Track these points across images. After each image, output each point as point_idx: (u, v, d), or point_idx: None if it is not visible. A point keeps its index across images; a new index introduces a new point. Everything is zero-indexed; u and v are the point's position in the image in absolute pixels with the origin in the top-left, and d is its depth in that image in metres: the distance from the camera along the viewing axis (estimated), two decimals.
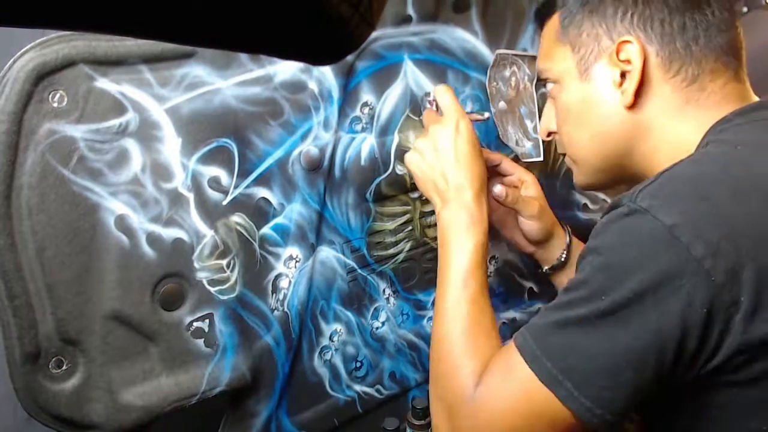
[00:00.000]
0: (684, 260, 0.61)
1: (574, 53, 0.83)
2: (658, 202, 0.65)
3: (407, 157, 0.96)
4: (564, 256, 1.05)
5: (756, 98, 0.80)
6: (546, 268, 1.07)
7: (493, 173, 1.02)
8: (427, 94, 1.03)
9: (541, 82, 0.91)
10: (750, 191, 0.66)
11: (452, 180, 0.90)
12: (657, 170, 0.75)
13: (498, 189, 0.98)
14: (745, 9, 1.39)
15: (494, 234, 1.21)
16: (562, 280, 1.06)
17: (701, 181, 0.67)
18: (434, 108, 0.99)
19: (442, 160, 0.91)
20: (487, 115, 0.98)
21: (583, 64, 0.82)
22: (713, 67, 0.77)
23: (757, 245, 0.62)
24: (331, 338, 1.05)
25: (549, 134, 0.93)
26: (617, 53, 0.78)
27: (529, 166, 1.22)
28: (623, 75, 0.78)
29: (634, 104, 0.78)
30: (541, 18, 0.89)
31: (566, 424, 0.66)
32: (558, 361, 0.66)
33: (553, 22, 0.87)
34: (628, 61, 0.77)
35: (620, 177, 0.86)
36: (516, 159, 1.20)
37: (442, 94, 0.95)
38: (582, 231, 1.33)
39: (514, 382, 0.69)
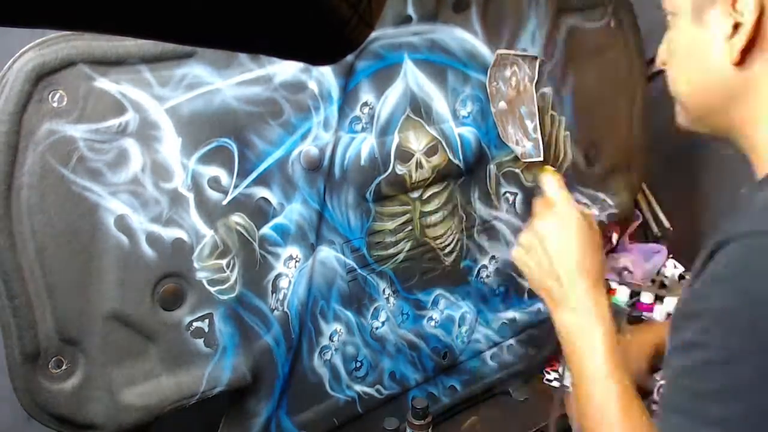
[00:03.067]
0: None
1: None
2: None
3: (514, 253, 0.89)
4: None
5: None
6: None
7: None
8: (543, 171, 0.92)
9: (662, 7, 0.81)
10: None
11: (563, 275, 0.82)
12: (754, 139, 0.71)
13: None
14: None
15: (491, 234, 1.21)
16: None
17: None
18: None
19: (548, 255, 0.83)
20: (596, 212, 0.91)
21: (698, 5, 0.74)
22: None
23: None
24: (331, 338, 1.05)
25: (663, 64, 0.83)
26: (734, 2, 0.70)
27: (529, 166, 1.22)
28: (736, 27, 0.70)
29: (741, 61, 0.71)
30: None
31: None
32: None
33: None
34: (742, 13, 0.69)
35: (718, 131, 0.79)
36: (516, 159, 1.20)
37: (548, 184, 0.87)
38: None
39: None
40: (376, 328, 1.10)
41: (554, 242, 0.83)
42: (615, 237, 1.47)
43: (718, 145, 1.52)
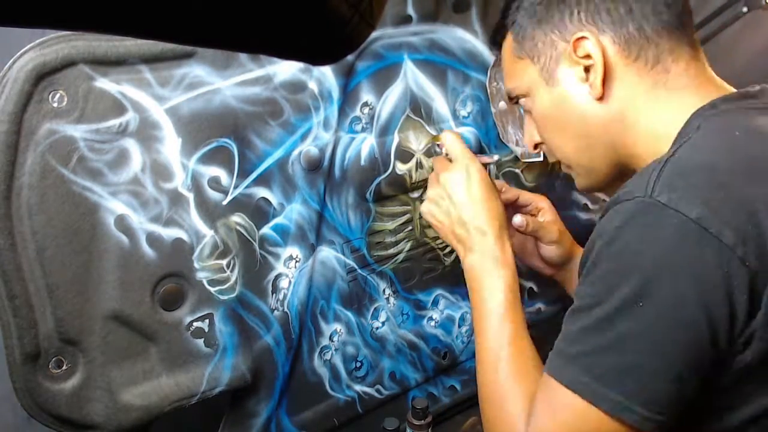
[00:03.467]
0: (717, 250, 0.61)
1: (534, 64, 0.83)
2: (677, 195, 0.63)
3: (422, 208, 0.96)
4: None
5: (713, 73, 0.80)
6: (570, 290, 1.05)
7: (511, 207, 1.02)
8: (436, 139, 1.01)
9: (512, 101, 0.91)
10: (761, 174, 0.66)
11: (470, 224, 0.89)
12: (644, 160, 0.75)
13: (518, 219, 0.98)
14: (745, 9, 1.39)
15: None
16: None
17: (713, 168, 0.66)
18: (444, 153, 0.98)
19: (457, 207, 0.90)
20: (496, 157, 0.98)
21: (546, 72, 0.82)
22: (671, 46, 0.77)
23: None
24: (331, 338, 1.05)
25: (536, 146, 0.92)
26: (575, 51, 0.78)
27: (529, 166, 1.22)
28: (587, 70, 0.79)
29: (603, 95, 0.79)
30: (498, 44, 0.90)
31: None
32: (598, 376, 0.65)
33: (508, 43, 0.87)
34: (587, 56, 0.78)
35: (616, 174, 0.85)
36: (516, 159, 1.20)
37: (449, 140, 0.94)
38: (582, 231, 1.33)
39: (561, 412, 0.68)
40: (376, 328, 1.10)
41: (460, 193, 0.90)
42: None
43: None
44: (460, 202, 0.90)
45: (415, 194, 1.10)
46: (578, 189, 0.92)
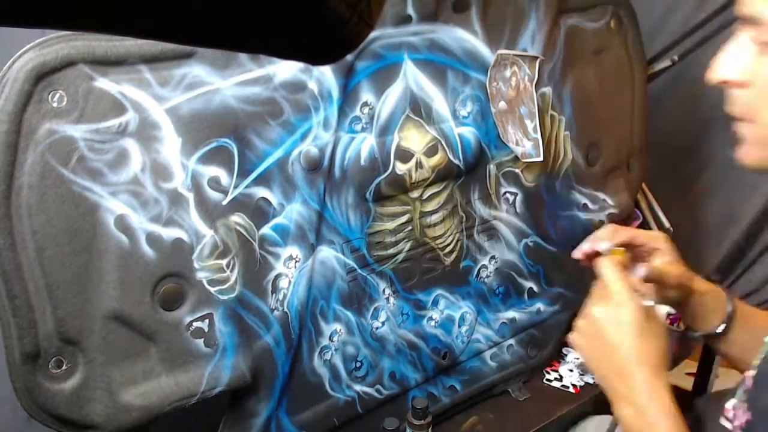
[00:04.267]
0: None
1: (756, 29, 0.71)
2: None
3: (571, 337, 0.88)
4: (724, 327, 0.93)
5: None
6: (696, 334, 0.97)
7: (627, 248, 0.93)
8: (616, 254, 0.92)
9: (745, 24, 0.75)
10: None
11: (617, 366, 0.80)
12: None
13: (641, 272, 0.90)
14: None
15: (491, 234, 1.21)
16: (719, 346, 0.96)
17: None
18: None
19: (603, 344, 0.81)
20: (653, 303, 0.85)
21: None
22: None
23: None
24: (331, 338, 1.05)
25: (724, 82, 0.77)
26: None
27: (529, 166, 1.22)
28: None
29: None
30: None
31: None
32: None
33: None
34: None
35: None
36: (516, 159, 1.20)
37: (606, 269, 0.85)
38: (582, 231, 1.33)
39: None
40: (376, 328, 1.10)
41: (612, 334, 0.81)
42: None
43: (718, 145, 1.52)
44: (605, 341, 0.81)
45: (415, 194, 1.10)
46: (744, 163, 0.78)
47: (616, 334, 0.80)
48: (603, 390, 0.83)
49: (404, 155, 1.05)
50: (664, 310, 0.88)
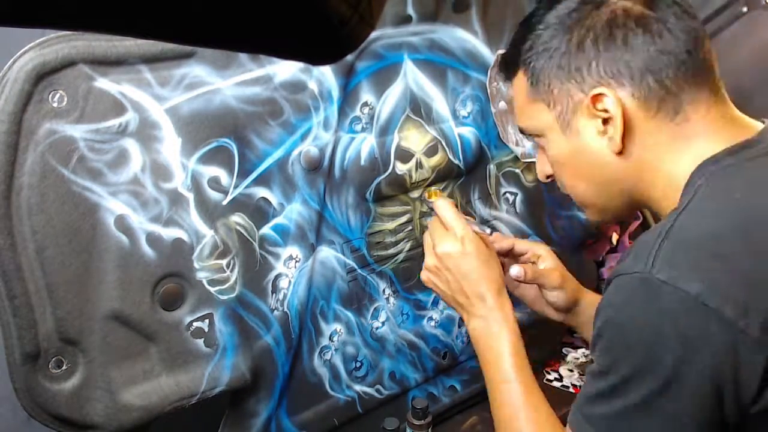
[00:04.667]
0: (718, 324, 0.62)
1: (550, 109, 0.81)
2: (677, 272, 0.64)
3: (422, 276, 0.98)
4: None
5: (735, 110, 0.79)
6: (583, 334, 1.06)
7: (509, 257, 1.03)
8: (429, 196, 1.01)
9: (524, 136, 0.91)
10: (762, 241, 0.66)
11: (470, 292, 0.92)
12: (659, 203, 0.78)
13: (515, 270, 0.98)
14: (745, 9, 1.39)
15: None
16: None
17: (713, 240, 0.66)
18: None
19: (455, 277, 0.93)
20: (488, 230, 0.97)
21: (562, 119, 0.81)
22: (691, 95, 0.75)
23: None
24: (331, 338, 1.05)
25: (548, 177, 0.92)
26: (593, 105, 0.77)
27: (529, 166, 1.22)
28: (606, 122, 0.77)
29: (623, 149, 0.77)
30: (508, 78, 0.88)
31: None
32: None
33: (521, 81, 0.85)
34: (605, 110, 0.76)
35: (629, 211, 0.87)
36: (516, 159, 1.20)
37: (442, 208, 0.95)
38: (582, 231, 1.33)
39: None
40: (376, 328, 1.10)
41: (458, 264, 0.93)
42: (615, 237, 1.47)
43: None
44: (457, 273, 0.93)
45: (415, 194, 1.10)
46: (589, 221, 0.93)
47: (466, 265, 0.92)
48: (456, 311, 0.96)
49: (404, 155, 1.05)
50: (488, 230, 0.97)
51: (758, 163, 0.73)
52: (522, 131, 0.89)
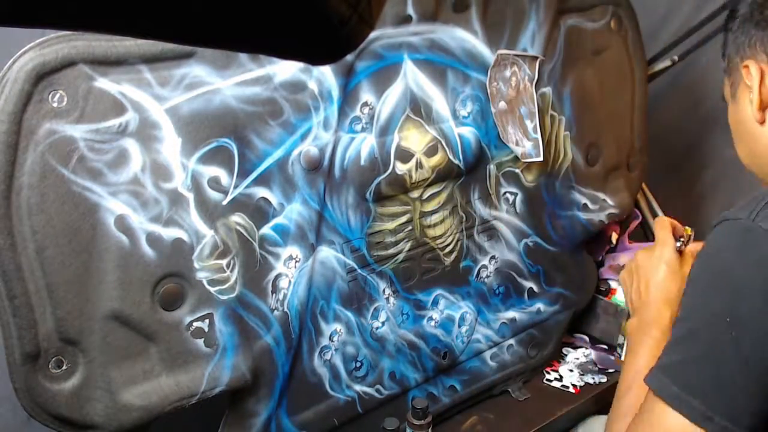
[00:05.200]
0: None
1: (727, 80, 0.92)
2: None
3: (622, 274, 1.09)
4: None
5: None
6: None
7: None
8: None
9: None
10: None
11: (645, 297, 1.01)
12: None
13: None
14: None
15: (491, 234, 1.21)
16: None
17: None
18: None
19: (642, 281, 1.02)
20: (679, 244, 1.04)
21: (733, 90, 0.91)
22: None
23: None
24: (331, 338, 1.05)
25: None
26: (746, 76, 0.86)
27: (529, 166, 1.22)
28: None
29: (764, 120, 0.85)
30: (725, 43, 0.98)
31: None
32: (683, 385, 0.70)
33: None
34: (751, 78, 0.85)
35: None
36: (516, 159, 1.20)
37: (659, 226, 1.07)
38: (581, 231, 1.33)
39: (648, 414, 0.74)
40: (376, 328, 1.10)
41: (649, 275, 1.02)
42: (614, 237, 1.47)
43: (718, 145, 1.52)
44: (643, 279, 1.02)
45: (415, 194, 1.10)
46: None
47: (653, 271, 1.01)
48: (630, 313, 1.04)
49: (404, 155, 1.05)
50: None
51: None
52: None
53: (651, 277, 1.01)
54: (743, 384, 0.67)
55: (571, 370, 1.37)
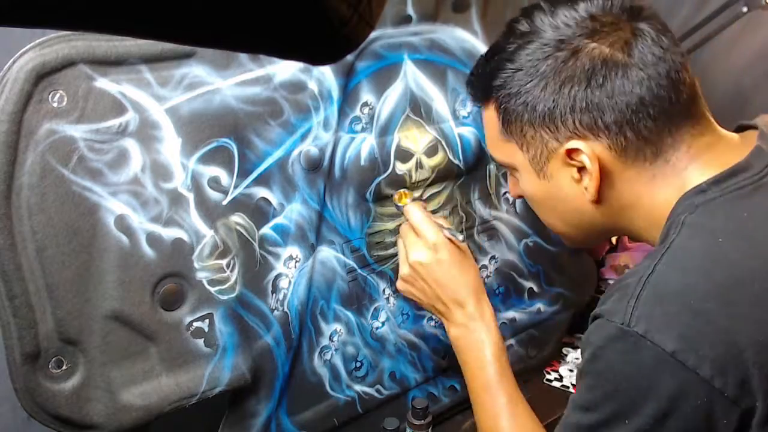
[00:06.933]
0: (694, 383, 0.62)
1: (523, 152, 0.80)
2: (653, 326, 0.63)
3: (399, 286, 0.99)
4: None
5: (720, 129, 0.77)
6: None
7: None
8: (398, 200, 1.04)
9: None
10: (740, 297, 0.64)
11: (447, 300, 0.93)
12: (639, 232, 0.78)
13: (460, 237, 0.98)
14: (745, 9, 1.39)
15: (491, 234, 1.21)
16: None
17: (691, 294, 0.65)
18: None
19: (431, 286, 0.94)
20: (461, 237, 0.95)
21: (536, 164, 0.79)
22: (672, 137, 0.73)
23: (759, 352, 0.62)
24: (331, 338, 1.05)
25: (519, 196, 0.90)
26: (569, 157, 0.75)
27: None
28: (581, 170, 0.76)
29: (599, 198, 0.77)
30: (474, 94, 0.86)
31: None
32: None
33: (492, 114, 0.82)
34: (581, 161, 0.75)
35: (609, 237, 0.88)
36: None
37: (413, 214, 0.96)
38: None
39: None
40: (376, 328, 1.10)
41: (433, 272, 0.93)
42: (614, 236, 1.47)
43: None
44: (432, 282, 0.93)
45: (416, 194, 1.10)
46: (569, 245, 0.93)
47: (440, 273, 0.92)
48: (437, 317, 0.98)
49: (404, 155, 1.05)
50: (460, 237, 0.95)
51: (745, 193, 0.70)
52: (493, 160, 0.88)
53: (445, 278, 0.93)
54: None
55: (571, 370, 1.37)
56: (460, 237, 0.95)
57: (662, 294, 0.66)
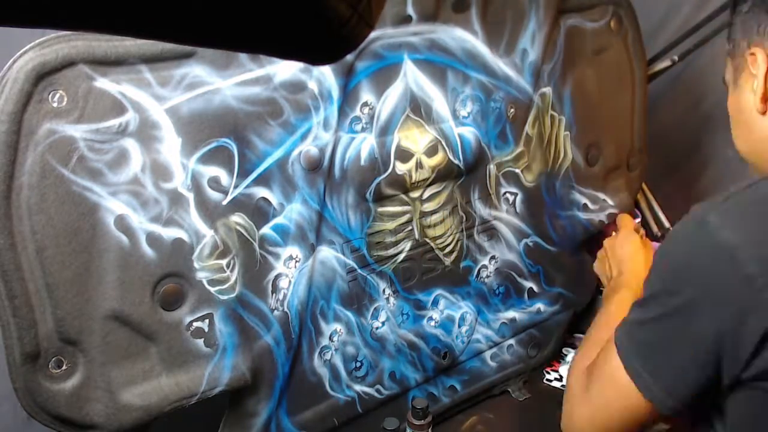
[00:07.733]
0: (739, 280, 0.68)
1: (731, 63, 0.87)
2: (725, 221, 0.71)
3: (595, 265, 1.26)
4: None
5: None
6: None
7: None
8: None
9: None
10: None
11: (615, 271, 1.15)
12: None
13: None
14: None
15: (491, 234, 1.21)
16: None
17: (766, 203, 0.72)
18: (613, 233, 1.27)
19: (613, 261, 1.17)
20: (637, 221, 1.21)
21: (734, 74, 0.86)
22: None
23: None
24: (331, 338, 1.05)
25: None
26: (752, 63, 0.81)
27: (529, 166, 1.22)
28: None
29: (764, 110, 0.81)
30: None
31: (644, 411, 0.77)
32: (640, 358, 0.77)
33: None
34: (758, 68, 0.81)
35: None
36: (516, 159, 1.20)
37: (624, 222, 1.27)
38: (581, 231, 1.33)
39: (610, 370, 0.81)
40: (376, 328, 1.10)
41: (618, 254, 1.17)
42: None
43: (719, 145, 1.52)
44: (615, 259, 1.17)
45: (415, 194, 1.10)
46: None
47: (620, 250, 1.16)
48: (603, 283, 1.22)
49: (404, 155, 1.05)
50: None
51: None
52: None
53: (620, 255, 1.15)
54: (686, 356, 0.73)
55: None
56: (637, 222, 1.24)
57: (745, 199, 0.74)
